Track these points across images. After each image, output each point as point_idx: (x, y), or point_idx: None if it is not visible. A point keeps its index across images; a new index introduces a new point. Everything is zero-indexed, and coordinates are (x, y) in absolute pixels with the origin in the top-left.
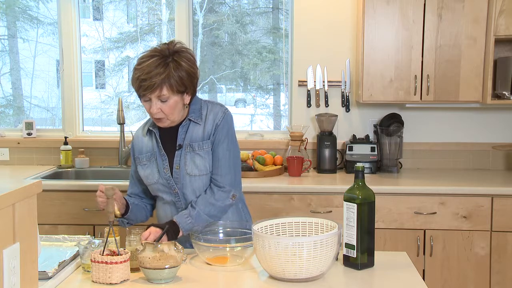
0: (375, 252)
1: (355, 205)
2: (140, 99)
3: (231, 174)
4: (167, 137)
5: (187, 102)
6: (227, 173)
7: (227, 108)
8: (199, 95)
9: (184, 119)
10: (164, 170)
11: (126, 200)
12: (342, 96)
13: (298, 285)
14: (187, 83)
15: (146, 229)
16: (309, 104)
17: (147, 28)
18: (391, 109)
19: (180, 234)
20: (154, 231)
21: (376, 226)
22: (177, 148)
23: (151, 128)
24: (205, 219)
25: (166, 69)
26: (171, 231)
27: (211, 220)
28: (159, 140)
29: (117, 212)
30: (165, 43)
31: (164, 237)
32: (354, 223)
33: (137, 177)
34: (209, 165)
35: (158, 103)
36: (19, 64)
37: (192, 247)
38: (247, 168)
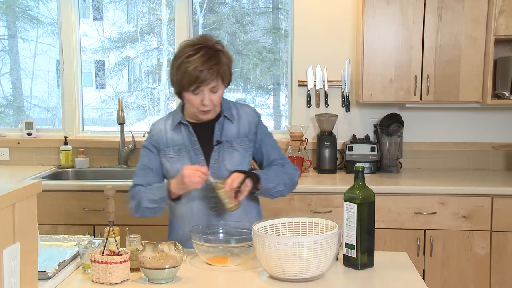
0: (375, 252)
1: (355, 205)
2: (183, 94)
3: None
4: (200, 132)
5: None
6: (286, 157)
7: (253, 107)
8: None
9: (219, 115)
10: (200, 164)
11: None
12: (342, 96)
13: (298, 285)
14: (231, 72)
15: (228, 177)
16: (309, 104)
17: (147, 28)
18: (391, 109)
19: (260, 185)
20: (237, 176)
21: (376, 226)
22: (215, 143)
23: (184, 122)
24: (279, 183)
25: (220, 60)
26: (252, 176)
27: (282, 188)
28: (195, 134)
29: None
30: (198, 37)
31: (247, 185)
32: (354, 223)
33: (156, 169)
34: (245, 162)
35: (209, 94)
36: (19, 64)
37: (192, 247)
38: None
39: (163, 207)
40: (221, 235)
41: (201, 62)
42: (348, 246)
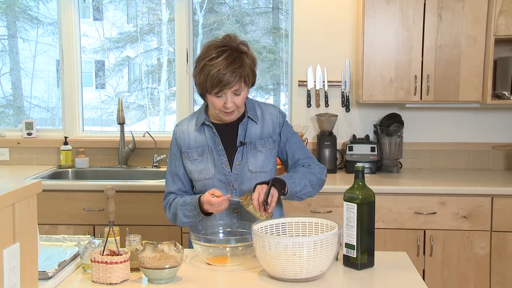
0: (375, 252)
1: (355, 205)
2: (206, 96)
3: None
4: (223, 133)
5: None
6: (312, 156)
7: (278, 106)
8: None
9: (243, 116)
10: (223, 166)
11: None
12: (342, 96)
13: (298, 285)
14: (255, 74)
15: (254, 190)
16: (309, 104)
17: (147, 28)
18: (391, 109)
19: (286, 190)
20: (261, 188)
21: (376, 226)
22: (238, 144)
23: (207, 123)
24: (306, 184)
25: (243, 62)
26: (276, 183)
27: (309, 189)
28: (218, 135)
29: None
30: (222, 37)
31: (273, 195)
32: (354, 223)
33: (183, 173)
34: (269, 163)
35: (232, 97)
36: (19, 64)
37: (192, 247)
38: None
39: (199, 219)
40: (221, 235)
41: (224, 65)
42: (348, 246)
